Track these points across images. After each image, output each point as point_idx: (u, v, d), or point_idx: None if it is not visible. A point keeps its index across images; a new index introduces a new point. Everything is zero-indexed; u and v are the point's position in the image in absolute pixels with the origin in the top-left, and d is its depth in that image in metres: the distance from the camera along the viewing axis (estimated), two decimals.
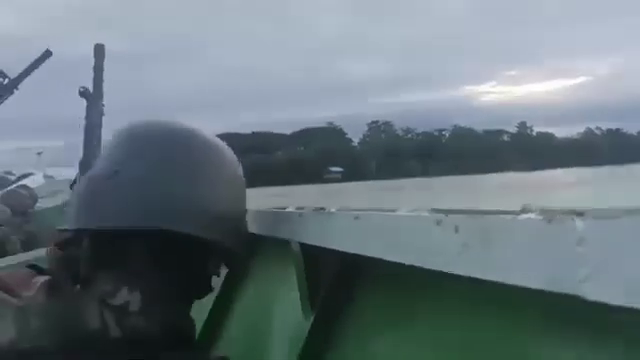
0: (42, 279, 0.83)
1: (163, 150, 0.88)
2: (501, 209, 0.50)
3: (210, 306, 1.37)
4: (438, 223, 0.55)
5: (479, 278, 0.48)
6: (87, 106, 2.15)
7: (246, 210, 0.98)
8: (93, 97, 2.17)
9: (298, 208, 0.97)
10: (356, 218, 0.73)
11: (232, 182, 0.93)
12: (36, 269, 0.88)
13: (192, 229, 0.84)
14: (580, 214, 0.40)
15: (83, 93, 2.15)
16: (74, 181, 1.04)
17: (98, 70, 2.19)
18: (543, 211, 0.44)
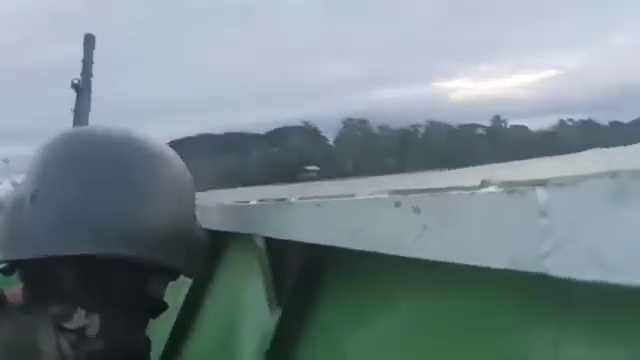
0: None
1: (86, 166, 0.80)
2: (461, 185, 0.47)
3: (178, 306, 1.33)
4: (397, 205, 0.51)
5: (440, 261, 0.45)
6: (77, 98, 2.08)
7: (193, 221, 0.89)
8: (82, 89, 2.10)
9: (260, 201, 0.93)
10: (317, 205, 0.70)
11: (170, 195, 0.84)
12: None
13: (113, 249, 0.77)
14: (542, 183, 0.37)
15: (76, 86, 2.07)
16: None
17: (87, 62, 2.11)
18: (503, 183, 0.41)
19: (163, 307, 0.88)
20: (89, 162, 0.80)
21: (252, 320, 1.02)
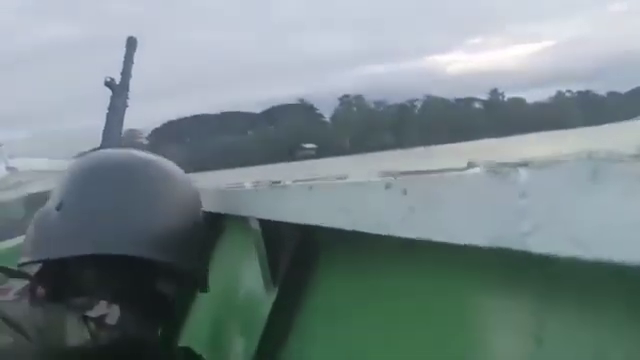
0: (18, 285, 0.85)
1: (104, 183, 0.92)
2: (449, 167, 0.48)
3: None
4: (387, 187, 0.53)
5: (426, 240, 0.47)
6: (112, 96, 2.13)
7: (198, 226, 0.98)
8: (119, 88, 2.16)
9: (255, 184, 0.95)
10: (310, 188, 0.71)
11: (177, 205, 0.94)
12: (6, 272, 0.89)
13: (123, 250, 0.86)
14: (525, 164, 0.38)
15: (109, 84, 2.13)
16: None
17: (128, 62, 2.18)
18: (488, 164, 0.42)
19: (173, 310, 0.95)
20: (106, 181, 0.92)
21: (248, 300, 1.04)
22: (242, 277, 1.11)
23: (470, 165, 0.44)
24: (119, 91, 2.07)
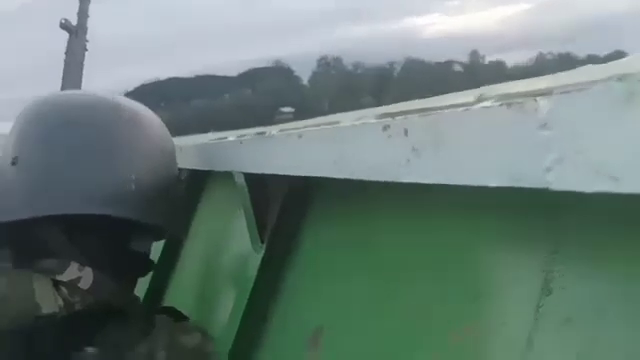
0: None
1: (65, 130, 0.82)
2: (454, 103, 0.44)
3: (160, 248, 1.31)
4: (385, 129, 0.49)
5: (432, 184, 0.43)
6: (69, 39, 1.98)
7: (175, 182, 0.91)
8: (77, 29, 1.99)
9: (239, 136, 0.90)
10: (300, 137, 0.67)
11: (150, 156, 0.86)
12: None
13: (94, 209, 0.79)
14: (545, 93, 0.35)
15: (65, 25, 1.97)
16: None
17: (84, 1, 2.00)
18: (501, 97, 0.38)
19: (149, 265, 0.90)
20: (67, 126, 0.82)
21: (236, 258, 1.01)
22: (229, 235, 1.07)
23: (480, 98, 0.41)
24: (76, 32, 1.94)
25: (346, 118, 0.61)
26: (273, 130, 0.78)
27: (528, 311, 0.43)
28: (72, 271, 0.77)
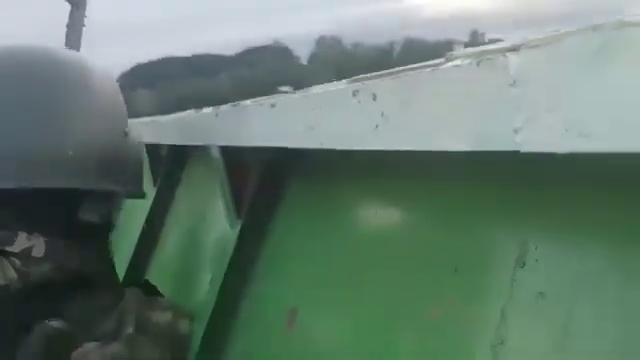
0: None
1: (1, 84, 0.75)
2: (425, 64, 0.41)
3: (140, 224, 1.29)
4: (355, 94, 0.46)
5: (400, 150, 0.41)
6: (71, 10, 1.93)
7: (123, 139, 0.83)
8: (77, 3, 1.95)
9: (214, 108, 0.87)
10: (272, 106, 0.64)
11: (88, 115, 0.79)
12: None
13: (28, 181, 0.74)
14: (514, 49, 0.31)
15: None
16: None
17: None
18: (471, 54, 0.35)
19: (107, 227, 0.84)
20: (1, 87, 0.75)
21: (213, 234, 0.98)
22: (207, 211, 1.05)
23: (449, 58, 0.37)
24: (77, 5, 1.90)
25: (315, 87, 0.58)
26: (247, 101, 0.75)
27: (503, 284, 0.41)
28: (21, 241, 0.73)
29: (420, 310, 0.51)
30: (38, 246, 0.73)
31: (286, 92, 0.73)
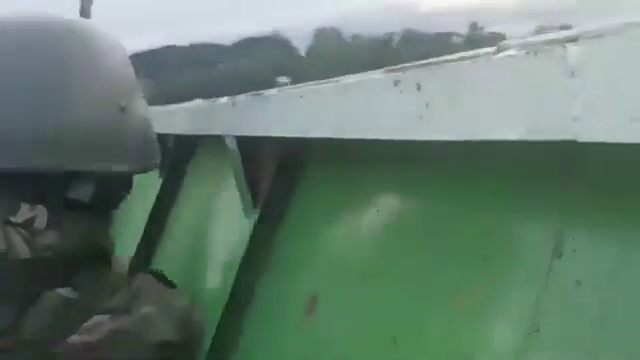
0: None
1: None
2: (473, 54, 0.41)
3: (147, 213, 1.28)
4: (396, 84, 0.45)
5: (446, 140, 0.40)
6: (81, 2, 1.94)
7: (118, 115, 0.79)
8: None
9: (230, 98, 0.86)
10: (301, 97, 0.63)
11: (76, 92, 0.76)
12: None
13: (16, 164, 0.73)
14: (573, 39, 0.31)
15: None
16: None
17: None
18: (525, 45, 0.35)
19: (105, 204, 0.82)
20: None
21: (227, 225, 0.98)
22: (219, 202, 1.04)
23: (501, 47, 0.37)
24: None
25: (349, 77, 0.57)
26: (271, 90, 0.74)
27: (538, 274, 0.41)
28: (24, 212, 0.72)
29: (446, 298, 0.50)
30: (40, 217, 0.73)
31: (284, 83, 0.72)
